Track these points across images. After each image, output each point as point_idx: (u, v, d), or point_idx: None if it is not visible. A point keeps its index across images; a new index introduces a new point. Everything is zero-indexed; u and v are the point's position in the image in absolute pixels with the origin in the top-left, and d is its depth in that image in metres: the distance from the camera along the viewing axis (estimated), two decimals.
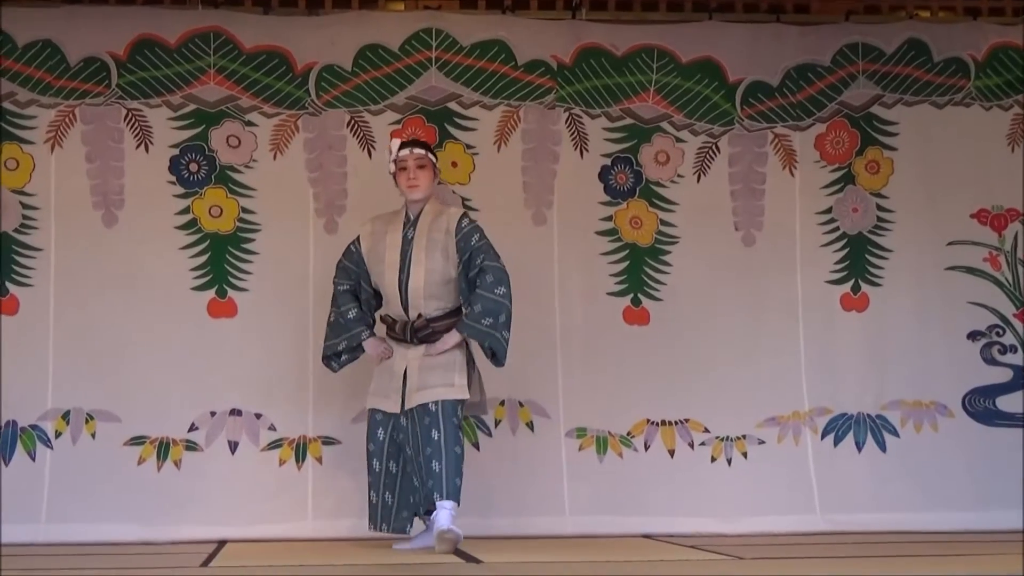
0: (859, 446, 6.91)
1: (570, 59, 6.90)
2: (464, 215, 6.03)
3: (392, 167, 6.04)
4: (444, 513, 5.74)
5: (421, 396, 5.87)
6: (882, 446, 6.93)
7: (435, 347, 5.89)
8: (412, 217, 6.03)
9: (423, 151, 6.07)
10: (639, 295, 6.91)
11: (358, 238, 6.12)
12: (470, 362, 6.00)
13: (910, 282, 7.01)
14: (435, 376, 5.88)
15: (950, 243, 7.03)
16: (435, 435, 5.79)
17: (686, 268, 6.92)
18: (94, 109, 6.66)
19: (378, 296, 6.12)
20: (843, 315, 6.99)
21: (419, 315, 5.94)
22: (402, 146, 6.04)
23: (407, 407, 5.88)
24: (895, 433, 6.93)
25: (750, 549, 5.86)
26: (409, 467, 5.92)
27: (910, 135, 7.04)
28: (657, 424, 6.85)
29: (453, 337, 5.89)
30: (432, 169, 6.07)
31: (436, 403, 5.84)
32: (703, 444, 6.84)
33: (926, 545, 6.15)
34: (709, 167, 6.99)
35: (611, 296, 6.90)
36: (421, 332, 5.93)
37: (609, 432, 6.81)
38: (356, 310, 6.07)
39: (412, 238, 5.97)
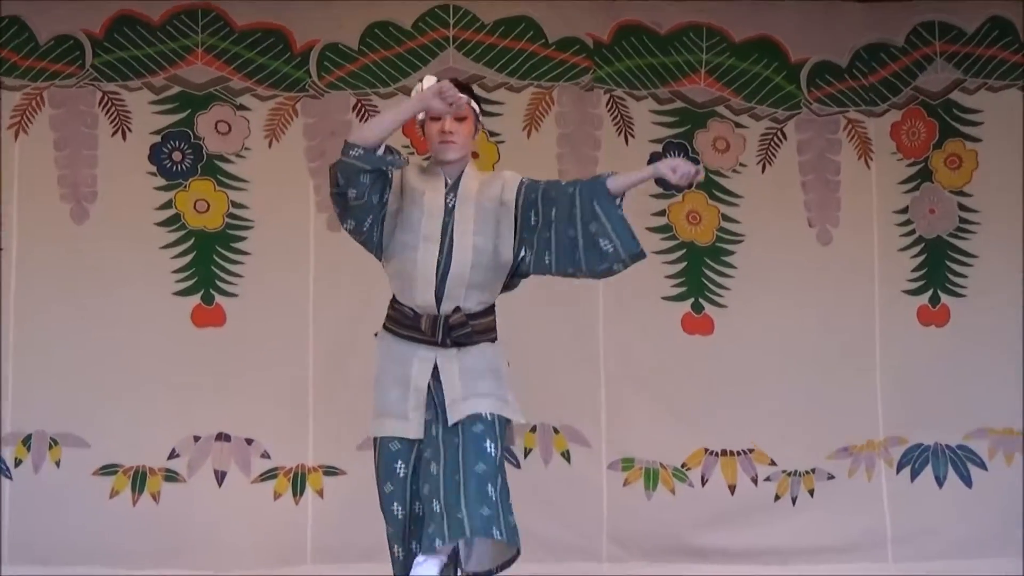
0: (939, 481, 6.62)
1: (608, 37, 6.62)
2: (525, 178, 5.02)
3: (421, 115, 5.05)
4: None
5: (473, 405, 4.84)
6: (967, 481, 6.62)
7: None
8: (450, 180, 4.98)
9: (465, 96, 4.98)
10: (700, 300, 6.62)
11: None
12: None
13: (997, 292, 6.67)
14: (485, 384, 4.89)
15: None
16: (489, 448, 4.75)
17: (753, 270, 6.63)
18: (65, 91, 6.40)
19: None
20: (920, 330, 6.68)
21: (456, 308, 4.93)
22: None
23: (452, 421, 4.84)
24: (982, 466, 6.62)
25: None
26: (426, 489, 4.84)
27: (996, 125, 6.70)
28: (717, 454, 6.55)
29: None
30: (474, 122, 5.02)
31: (491, 414, 4.84)
32: (767, 479, 6.56)
33: None
34: (775, 155, 6.70)
35: (668, 301, 6.59)
36: (457, 332, 4.91)
37: (661, 463, 6.53)
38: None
39: (454, 206, 4.96)
